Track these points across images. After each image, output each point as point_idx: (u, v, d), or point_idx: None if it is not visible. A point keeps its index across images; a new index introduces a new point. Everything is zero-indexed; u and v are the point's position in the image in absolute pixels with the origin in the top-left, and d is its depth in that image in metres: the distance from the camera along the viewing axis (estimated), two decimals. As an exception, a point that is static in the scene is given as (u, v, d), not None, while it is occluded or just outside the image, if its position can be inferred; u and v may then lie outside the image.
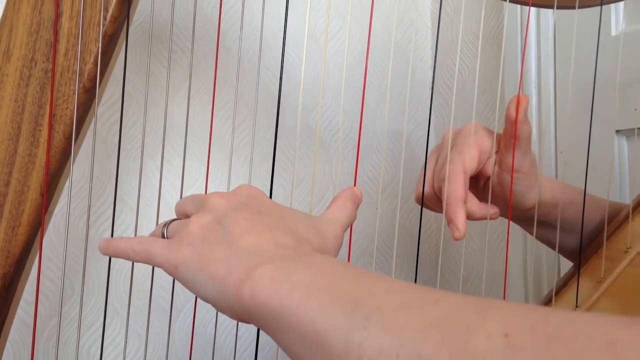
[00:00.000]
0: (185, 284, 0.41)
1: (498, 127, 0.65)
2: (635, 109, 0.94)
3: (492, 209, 0.62)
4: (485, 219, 0.61)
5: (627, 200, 0.98)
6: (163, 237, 0.46)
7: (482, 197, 0.64)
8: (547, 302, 0.62)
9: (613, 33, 0.98)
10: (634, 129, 0.96)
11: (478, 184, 0.65)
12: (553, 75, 1.07)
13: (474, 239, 1.22)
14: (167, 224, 0.47)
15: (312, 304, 0.34)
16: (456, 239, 0.57)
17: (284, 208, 0.46)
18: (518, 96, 0.57)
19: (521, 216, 0.67)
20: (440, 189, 0.59)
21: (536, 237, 0.67)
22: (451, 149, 0.61)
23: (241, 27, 0.82)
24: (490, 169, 0.62)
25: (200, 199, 0.46)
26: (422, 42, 1.29)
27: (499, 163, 0.62)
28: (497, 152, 0.62)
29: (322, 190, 1.17)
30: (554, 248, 0.69)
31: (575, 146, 1.03)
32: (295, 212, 0.45)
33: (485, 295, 1.18)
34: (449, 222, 0.57)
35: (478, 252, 1.22)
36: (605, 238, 0.62)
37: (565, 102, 1.04)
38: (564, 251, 0.72)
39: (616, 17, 0.98)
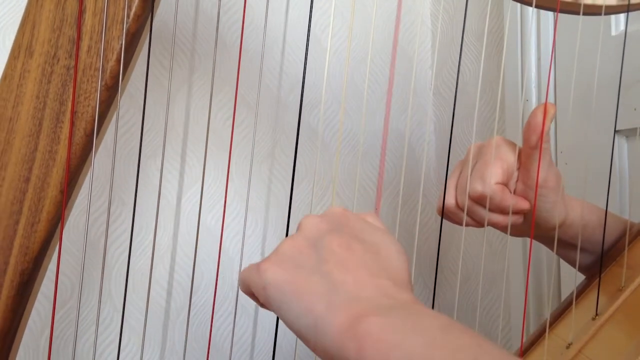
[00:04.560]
0: (272, 306, 0.39)
1: (498, 127, 0.64)
2: (635, 109, 0.95)
3: (514, 216, 0.61)
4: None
5: (626, 199, 0.99)
6: None
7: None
8: (567, 307, 0.62)
9: (613, 33, 0.98)
10: (634, 129, 0.97)
11: None
12: (553, 75, 1.08)
13: (475, 239, 1.23)
14: None
15: None
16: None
17: (374, 230, 0.43)
18: (545, 105, 0.55)
19: (545, 236, 0.65)
20: (464, 203, 0.59)
21: (556, 253, 0.66)
22: (475, 165, 0.60)
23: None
24: (513, 185, 0.61)
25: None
26: (422, 42, 1.30)
27: (522, 179, 0.60)
28: (518, 168, 0.60)
29: (322, 190, 1.17)
30: (573, 265, 0.67)
31: (575, 146, 1.04)
32: (385, 236, 0.43)
33: (485, 296, 1.19)
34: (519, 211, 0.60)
35: (478, 253, 1.23)
36: (627, 244, 0.61)
37: (565, 102, 1.04)
38: (581, 267, 0.70)
39: (616, 17, 0.99)
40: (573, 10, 0.56)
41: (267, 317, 1.10)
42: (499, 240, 1.18)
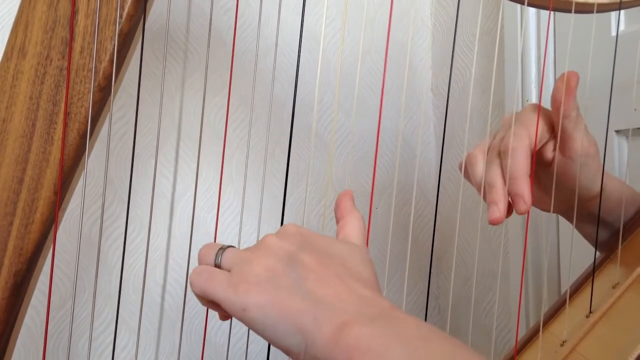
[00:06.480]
0: (254, 327, 0.39)
1: (496, 127, 0.64)
2: (635, 109, 0.95)
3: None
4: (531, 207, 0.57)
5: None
6: (216, 265, 0.43)
7: (542, 187, 0.62)
8: (561, 305, 0.62)
9: (613, 33, 0.98)
10: (634, 129, 0.96)
11: (538, 174, 0.62)
12: (553, 75, 1.08)
13: (473, 239, 1.23)
14: (222, 249, 0.43)
15: None
16: (521, 213, 0.54)
17: (334, 242, 0.44)
18: (565, 75, 0.55)
19: (580, 207, 0.62)
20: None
21: (576, 227, 0.66)
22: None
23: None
24: (549, 154, 0.59)
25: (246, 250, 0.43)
26: (422, 42, 1.30)
27: (561, 148, 0.58)
28: (554, 137, 0.58)
29: (321, 190, 1.17)
30: (592, 242, 0.66)
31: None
32: (345, 245, 0.44)
33: (484, 296, 1.19)
34: (515, 195, 0.54)
35: (477, 253, 1.22)
36: (620, 242, 0.61)
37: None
38: (600, 243, 0.68)
39: (616, 18, 0.98)
40: (565, 8, 0.56)
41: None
42: (499, 241, 1.17)
